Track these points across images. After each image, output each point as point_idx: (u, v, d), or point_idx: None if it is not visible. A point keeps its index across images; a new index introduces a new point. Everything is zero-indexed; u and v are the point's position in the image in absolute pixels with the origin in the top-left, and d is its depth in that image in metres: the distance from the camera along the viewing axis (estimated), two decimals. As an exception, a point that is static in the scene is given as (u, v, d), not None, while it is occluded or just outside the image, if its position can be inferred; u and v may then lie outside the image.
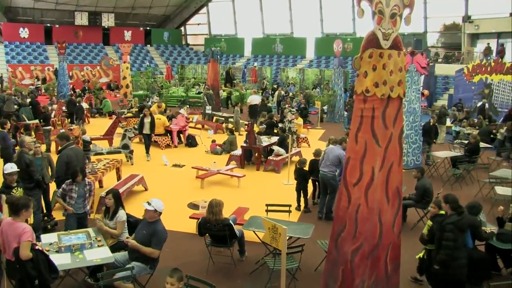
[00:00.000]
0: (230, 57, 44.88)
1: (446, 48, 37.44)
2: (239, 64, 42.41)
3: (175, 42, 48.93)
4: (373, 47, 4.91)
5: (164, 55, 46.30)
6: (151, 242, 6.39)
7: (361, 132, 5.06)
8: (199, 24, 50.38)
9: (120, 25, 44.83)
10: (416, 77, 14.16)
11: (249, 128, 14.50)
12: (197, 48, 48.98)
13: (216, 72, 25.33)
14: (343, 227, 5.23)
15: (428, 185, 9.63)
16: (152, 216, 6.52)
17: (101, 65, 36.28)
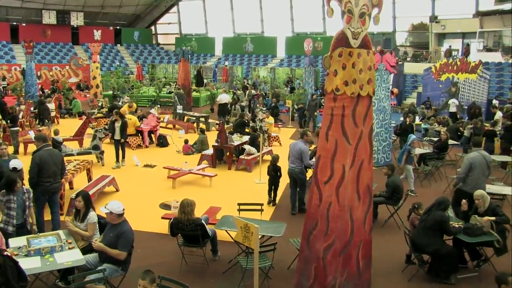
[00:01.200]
0: (201, 56, 44.74)
1: (414, 47, 38.13)
2: (210, 63, 42.32)
3: (146, 41, 48.51)
4: (342, 46, 4.95)
5: (135, 54, 45.85)
6: (117, 244, 6.29)
7: (331, 131, 5.10)
8: (169, 23, 50.07)
9: (89, 24, 44.21)
10: (385, 75, 14.35)
11: (221, 127, 14.47)
12: (168, 47, 48.66)
13: (187, 71, 25.19)
14: (314, 225, 5.27)
15: (398, 182, 9.77)
16: (113, 219, 6.40)
17: (71, 65, 35.65)
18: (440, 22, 34.53)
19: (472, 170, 9.03)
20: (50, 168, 8.15)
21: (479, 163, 9.05)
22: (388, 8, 36.24)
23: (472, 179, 9.04)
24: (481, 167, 9.08)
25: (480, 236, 7.41)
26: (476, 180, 8.99)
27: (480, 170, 9.07)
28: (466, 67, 23.64)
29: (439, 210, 7.46)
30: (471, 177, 9.06)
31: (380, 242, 8.61)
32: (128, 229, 6.44)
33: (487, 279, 7.28)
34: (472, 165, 9.04)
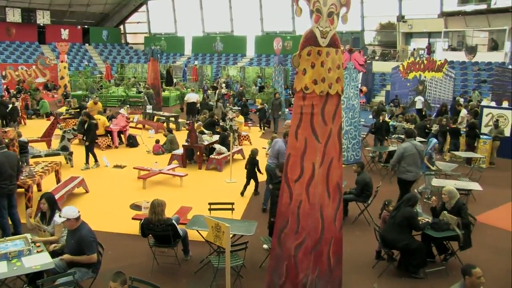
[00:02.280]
0: (170, 56, 44.49)
1: (383, 46, 38.67)
2: (180, 62, 42.12)
3: (114, 40, 47.95)
4: (311, 45, 4.98)
5: (103, 54, 45.29)
6: (82, 249, 6.17)
7: (301, 129, 5.13)
8: (138, 23, 49.63)
9: (56, 23, 43.45)
10: (354, 74, 14.51)
11: (190, 127, 14.41)
12: (137, 47, 48.24)
13: (156, 71, 24.99)
14: (285, 223, 5.29)
15: (368, 180, 9.88)
16: (72, 224, 6.25)
17: (37, 65, 34.88)
18: (407, 22, 35.14)
19: (405, 158, 9.88)
20: (6, 171, 7.99)
21: (410, 152, 9.87)
22: (357, 8, 36.69)
23: (407, 167, 9.90)
24: (412, 156, 9.90)
25: (447, 231, 7.58)
26: (411, 167, 9.90)
27: (412, 159, 9.90)
28: (433, 66, 24.09)
29: (408, 206, 7.59)
30: (404, 165, 9.92)
31: (351, 239, 8.71)
32: (87, 231, 6.30)
33: (454, 272, 7.46)
34: (404, 154, 9.89)
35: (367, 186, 9.79)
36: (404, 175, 9.97)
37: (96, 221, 9.01)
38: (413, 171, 9.96)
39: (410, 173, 9.93)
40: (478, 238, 8.69)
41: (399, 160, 9.98)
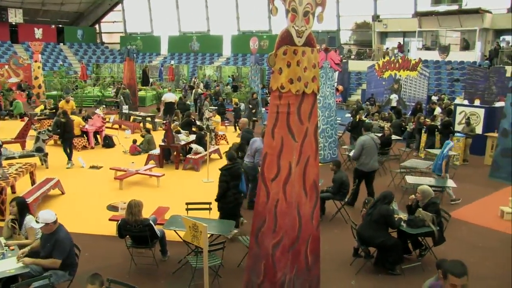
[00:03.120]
0: (146, 55, 44.20)
1: (358, 45, 38.99)
2: (156, 62, 41.89)
3: (90, 40, 47.39)
4: (287, 44, 4.99)
5: (78, 54, 44.72)
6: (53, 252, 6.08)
7: (277, 128, 5.14)
8: (114, 22, 49.17)
9: (29, 21, 42.74)
10: (330, 73, 14.59)
11: (167, 126, 14.34)
12: (113, 46, 47.78)
13: (133, 71, 24.82)
14: (263, 222, 5.29)
15: (344, 178, 9.96)
16: (50, 228, 6.14)
17: (10, 64, 34.17)
18: (382, 21, 35.51)
19: (364, 150, 10.56)
20: None
21: (369, 144, 10.60)
22: (332, 7, 36.96)
23: (364, 159, 10.62)
24: (371, 148, 10.63)
25: (422, 228, 7.69)
26: (368, 159, 10.61)
27: (370, 150, 10.62)
28: (407, 65, 24.37)
29: (384, 204, 7.67)
30: (363, 157, 10.61)
31: (328, 237, 8.77)
32: (64, 235, 6.21)
33: (429, 267, 7.57)
34: (364, 146, 10.57)
35: (344, 184, 9.87)
36: (362, 166, 10.64)
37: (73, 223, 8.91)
38: (370, 163, 10.65)
39: (367, 165, 10.61)
40: (453, 234, 8.85)
41: (361, 152, 10.58)
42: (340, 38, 39.19)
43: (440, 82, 29.51)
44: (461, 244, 8.89)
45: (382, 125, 18.31)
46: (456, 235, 9.14)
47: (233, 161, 8.81)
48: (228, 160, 8.85)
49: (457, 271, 3.85)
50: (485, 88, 17.24)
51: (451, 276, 3.85)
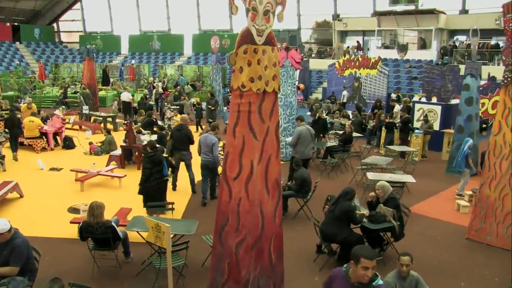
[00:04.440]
0: (106, 55, 43.50)
1: (319, 44, 39.36)
2: (116, 62, 41.25)
3: (47, 39, 46.19)
4: (247, 43, 5.01)
5: (36, 53, 43.54)
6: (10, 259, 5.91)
7: (238, 127, 5.15)
8: (73, 21, 48.10)
9: (-18, 19, 41.42)
10: (291, 71, 14.69)
11: (128, 127, 14.17)
12: (72, 45, 46.74)
13: (92, 70, 24.38)
14: (226, 221, 5.30)
15: (306, 175, 10.05)
16: (3, 238, 5.94)
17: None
18: (342, 20, 35.96)
19: (300, 139, 11.51)
20: None
21: (305, 134, 11.60)
22: (293, 6, 37.21)
23: (300, 147, 11.56)
24: (306, 137, 11.64)
25: (383, 223, 7.84)
26: (303, 148, 11.60)
27: (306, 139, 11.63)
28: (367, 63, 24.78)
29: (346, 200, 7.78)
30: (299, 145, 11.55)
31: (292, 234, 8.85)
32: (21, 242, 6.03)
33: (391, 261, 7.73)
34: (300, 135, 11.53)
35: (305, 182, 9.95)
36: (299, 154, 11.42)
37: (32, 227, 8.76)
38: (305, 151, 11.69)
39: (303, 152, 11.57)
40: (413, 228, 9.07)
41: (297, 141, 11.53)
42: (301, 37, 39.47)
43: (399, 80, 30.09)
44: (421, 238, 9.12)
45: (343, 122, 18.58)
46: (416, 229, 9.37)
47: (154, 150, 9.69)
48: (149, 149, 9.77)
49: (368, 254, 3.99)
50: (442, 86, 17.69)
51: (364, 259, 3.95)
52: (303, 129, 11.74)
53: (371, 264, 3.97)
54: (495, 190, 8.82)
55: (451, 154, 14.25)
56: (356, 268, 4.01)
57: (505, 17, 8.46)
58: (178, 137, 11.41)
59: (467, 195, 11.51)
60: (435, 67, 20.02)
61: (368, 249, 4.08)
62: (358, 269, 4.01)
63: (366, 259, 3.97)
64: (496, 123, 8.89)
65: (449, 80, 17.66)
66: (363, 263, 3.96)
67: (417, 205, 11.00)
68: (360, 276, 4.03)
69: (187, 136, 11.43)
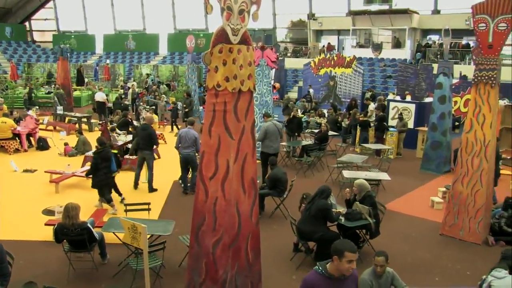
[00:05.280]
0: (81, 54, 43.00)
1: (294, 43, 39.54)
2: (91, 61, 40.82)
3: (19, 38, 45.36)
4: (222, 42, 5.01)
5: (8, 52, 42.74)
6: None
7: (214, 126, 5.14)
8: (46, 19, 47.38)
9: (-51, 17, 40.47)
10: (266, 71, 14.73)
11: (103, 127, 14.04)
12: (45, 45, 46.03)
13: (67, 70, 24.07)
14: (202, 221, 5.29)
15: (280, 174, 10.07)
16: None
17: None
18: (317, 20, 36.21)
19: (268, 134, 11.84)
20: None
21: (272, 130, 11.91)
22: (268, 6, 37.31)
23: (268, 142, 11.88)
24: (274, 132, 11.95)
25: (359, 220, 7.92)
26: (271, 143, 11.91)
27: (274, 134, 11.95)
28: (342, 62, 24.99)
29: (322, 199, 7.84)
30: (267, 140, 11.86)
31: (268, 233, 8.88)
32: None
33: (367, 259, 7.81)
34: (267, 131, 11.85)
35: (279, 181, 9.98)
36: (267, 148, 11.91)
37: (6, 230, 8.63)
38: (274, 146, 11.99)
39: (272, 147, 11.91)
40: (388, 225, 9.18)
41: (265, 137, 11.86)
42: (276, 36, 39.61)
43: (374, 78, 30.41)
44: (396, 234, 9.24)
45: (319, 121, 18.71)
46: (392, 226, 9.49)
47: (103, 146, 10.09)
48: (98, 145, 10.14)
49: (351, 247, 4.07)
50: (416, 85, 17.94)
51: (348, 253, 4.02)
52: (270, 124, 12.08)
53: (354, 256, 4.05)
54: (467, 187, 9.01)
55: (425, 152, 14.48)
56: (340, 262, 4.05)
57: (475, 18, 8.67)
58: (143, 137, 11.64)
59: (441, 191, 11.71)
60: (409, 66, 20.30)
61: (350, 243, 4.15)
62: (343, 263, 4.05)
63: (350, 252, 4.03)
64: (467, 121, 9.08)
65: (423, 79, 17.92)
66: (348, 257, 4.01)
67: (393, 203, 11.15)
68: (345, 270, 4.08)
69: (151, 136, 11.63)
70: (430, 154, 14.26)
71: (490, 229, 9.25)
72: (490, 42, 8.59)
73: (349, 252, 4.01)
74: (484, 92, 8.77)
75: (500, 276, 5.97)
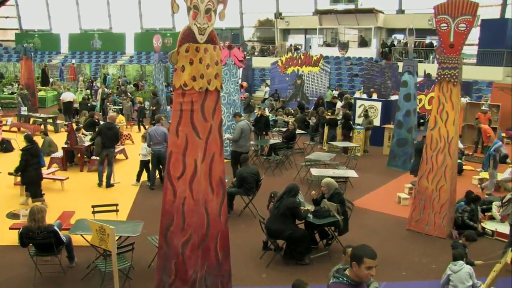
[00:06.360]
0: (45, 54, 42.17)
1: (262, 42, 39.61)
2: (56, 61, 40.10)
3: (-21, 37, 44.32)
4: (189, 41, 5.00)
5: (-33, 52, 41.71)
6: None
7: (181, 126, 5.13)
8: (7, 17, 46.25)
9: None
10: (234, 70, 14.73)
11: (70, 128, 13.83)
12: (7, 44, 45.00)
13: (31, 70, 23.55)
14: (171, 221, 5.27)
15: (244, 174, 10.06)
16: None
17: None
18: (284, 19, 36.38)
19: (243, 133, 12.09)
20: None
21: (246, 128, 12.29)
22: (235, 5, 37.31)
23: (242, 141, 12.16)
24: (248, 132, 12.36)
25: (328, 218, 8.00)
26: (245, 141, 12.25)
27: (247, 133, 12.33)
28: (309, 61, 25.18)
29: (290, 197, 7.90)
30: (242, 140, 12.12)
31: (238, 232, 8.90)
32: None
33: (336, 255, 7.92)
34: (243, 130, 12.10)
35: (245, 180, 9.99)
36: (240, 148, 12.14)
37: (-32, 234, 8.41)
38: (247, 145, 12.42)
39: (245, 146, 12.31)
40: (356, 221, 9.32)
41: (240, 136, 12.08)
42: (244, 35, 39.65)
43: (340, 77, 30.73)
44: (364, 231, 9.39)
45: (286, 120, 18.81)
46: (360, 222, 9.64)
47: (32, 143, 10.22)
48: (27, 142, 10.22)
49: (371, 253, 3.96)
50: (381, 83, 18.22)
51: (367, 259, 3.90)
52: (244, 123, 12.42)
53: (374, 263, 3.89)
54: (432, 182, 9.22)
55: (392, 149, 14.71)
56: (359, 268, 3.91)
57: (437, 18, 8.89)
58: (108, 135, 11.84)
59: (407, 187, 11.92)
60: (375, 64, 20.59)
61: (369, 248, 3.98)
62: (362, 269, 3.91)
63: (370, 258, 3.88)
64: (432, 118, 9.30)
65: (388, 77, 18.21)
66: (367, 263, 3.87)
67: (360, 199, 11.30)
68: (364, 276, 3.98)
69: (116, 134, 12.07)
70: (396, 151, 14.51)
71: (454, 223, 9.49)
72: (451, 42, 8.81)
73: (368, 258, 3.86)
74: (447, 90, 8.99)
75: (456, 270, 6.30)
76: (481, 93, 24.60)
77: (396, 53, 30.71)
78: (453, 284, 6.29)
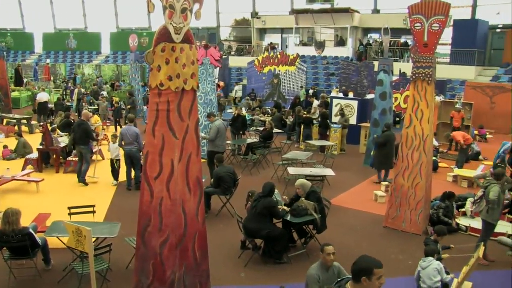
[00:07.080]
0: (18, 53, 41.49)
1: (238, 41, 39.62)
2: (30, 61, 39.47)
3: None
4: (165, 41, 4.99)
5: None
6: None
7: (157, 126, 5.12)
8: (-23, 15, 45.40)
9: None
10: (210, 69, 14.72)
11: (45, 128, 13.64)
12: (-22, 43, 44.10)
13: (3, 70, 23.13)
14: (148, 221, 5.25)
15: (221, 173, 10.06)
16: None
17: None
18: (261, 18, 36.46)
19: (219, 133, 12.14)
20: None
21: (222, 128, 12.35)
22: (212, 4, 37.26)
23: (218, 140, 12.20)
24: (223, 131, 12.41)
25: (305, 216, 8.04)
26: (221, 141, 12.30)
27: (223, 133, 12.38)
28: (286, 60, 25.27)
29: (267, 196, 7.93)
30: (218, 139, 12.18)
31: (215, 232, 8.90)
32: None
33: (314, 253, 7.96)
34: (219, 129, 12.16)
35: (222, 179, 9.99)
36: (217, 147, 12.18)
37: None
38: (223, 144, 12.53)
39: (221, 145, 12.39)
40: (334, 219, 9.38)
41: (216, 135, 12.12)
42: (220, 35, 39.61)
43: (317, 76, 30.90)
44: (341, 228, 9.46)
45: (263, 119, 18.84)
46: (337, 220, 9.71)
47: None
48: None
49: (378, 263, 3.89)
50: (358, 82, 18.37)
51: (376, 270, 3.83)
52: (220, 123, 12.50)
53: (382, 271, 3.80)
54: (408, 180, 9.34)
55: (368, 147, 14.85)
56: (371, 281, 3.79)
57: (411, 18, 9.02)
58: (79, 132, 11.97)
59: (383, 185, 12.06)
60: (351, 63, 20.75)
61: (371, 258, 3.85)
62: (373, 281, 3.80)
63: (379, 268, 3.81)
64: (407, 116, 9.42)
65: (364, 76, 18.37)
66: (377, 274, 3.78)
67: (337, 197, 11.39)
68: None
69: (86, 131, 12.04)
70: (372, 149, 14.63)
71: (429, 220, 9.64)
72: (425, 41, 8.94)
73: (377, 268, 3.78)
74: (422, 88, 9.13)
75: (424, 266, 6.50)
76: (455, 92, 25.02)
77: (371, 52, 31.01)
78: (422, 280, 6.45)
